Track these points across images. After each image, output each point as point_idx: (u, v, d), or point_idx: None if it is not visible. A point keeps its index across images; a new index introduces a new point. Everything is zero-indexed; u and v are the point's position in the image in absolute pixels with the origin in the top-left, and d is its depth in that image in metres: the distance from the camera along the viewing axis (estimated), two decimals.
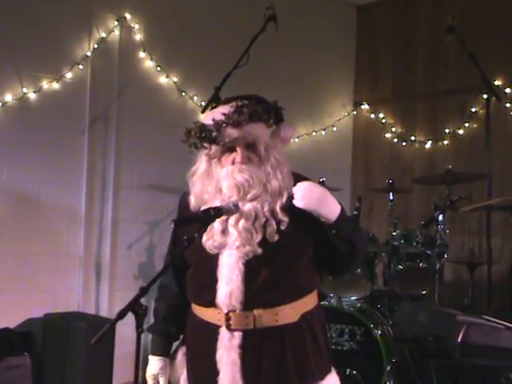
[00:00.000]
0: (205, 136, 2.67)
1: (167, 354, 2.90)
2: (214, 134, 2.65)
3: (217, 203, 2.66)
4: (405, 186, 6.40)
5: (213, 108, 2.89)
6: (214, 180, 2.70)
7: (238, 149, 2.66)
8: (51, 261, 5.57)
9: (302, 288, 2.70)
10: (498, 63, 6.21)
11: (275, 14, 4.98)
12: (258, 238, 2.61)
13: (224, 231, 2.65)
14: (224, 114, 2.66)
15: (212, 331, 2.68)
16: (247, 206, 2.63)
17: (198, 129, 2.69)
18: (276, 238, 2.63)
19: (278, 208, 2.65)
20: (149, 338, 2.94)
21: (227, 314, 2.63)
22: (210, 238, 2.65)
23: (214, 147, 2.68)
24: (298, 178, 2.75)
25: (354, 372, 4.82)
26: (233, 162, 2.68)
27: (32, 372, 5.04)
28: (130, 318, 2.38)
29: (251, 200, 2.64)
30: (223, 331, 2.65)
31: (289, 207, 2.67)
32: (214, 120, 2.67)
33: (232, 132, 2.64)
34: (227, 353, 2.64)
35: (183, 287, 2.85)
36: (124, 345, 5.11)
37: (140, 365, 2.42)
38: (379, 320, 4.95)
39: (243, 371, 2.63)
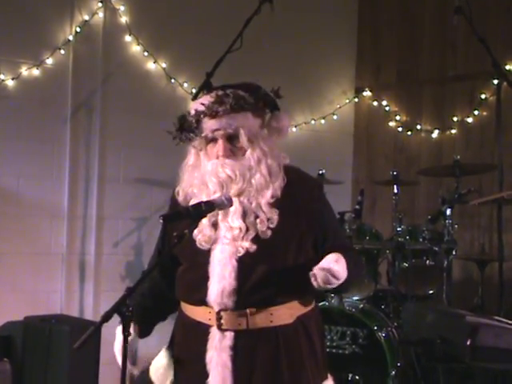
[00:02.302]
0: (185, 127, 2.73)
1: (136, 325, 2.86)
2: (194, 125, 2.71)
3: (203, 198, 2.68)
4: (410, 178, 6.40)
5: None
6: (201, 173, 2.74)
7: (220, 141, 2.71)
8: (32, 260, 5.57)
9: (298, 288, 2.71)
10: (510, 46, 6.21)
11: None
12: (251, 234, 2.65)
13: (214, 225, 2.69)
14: (203, 105, 2.70)
15: (202, 331, 2.70)
16: (233, 201, 2.66)
17: (178, 120, 2.76)
18: (269, 234, 2.66)
19: (263, 204, 2.68)
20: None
21: (218, 312, 2.66)
22: (200, 233, 2.69)
23: (197, 139, 2.74)
24: (291, 171, 2.78)
25: (357, 377, 4.84)
26: (217, 155, 2.71)
27: (12, 379, 5.04)
28: (117, 320, 2.38)
29: (236, 195, 2.67)
30: (214, 331, 2.68)
31: (279, 203, 2.69)
32: (196, 110, 2.72)
33: (211, 123, 2.70)
34: (217, 354, 2.66)
35: (171, 286, 2.87)
36: (110, 349, 5.09)
37: (127, 370, 2.42)
38: (383, 322, 4.96)
39: (234, 374, 2.65)
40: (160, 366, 2.90)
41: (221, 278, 2.64)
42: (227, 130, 2.69)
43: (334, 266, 2.52)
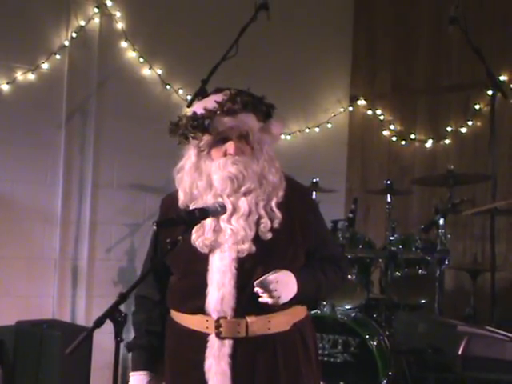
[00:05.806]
0: (196, 125, 2.68)
1: (152, 369, 2.86)
2: (207, 122, 2.67)
3: (209, 198, 2.67)
4: (404, 187, 6.41)
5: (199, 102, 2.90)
6: (205, 174, 2.71)
7: (232, 139, 2.69)
8: (24, 264, 5.55)
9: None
10: (504, 57, 6.22)
11: (267, 1, 4.99)
12: (251, 235, 2.64)
13: (216, 228, 2.66)
14: (217, 102, 2.68)
15: (199, 339, 2.68)
16: (242, 201, 2.65)
17: (189, 117, 2.70)
18: (269, 235, 2.66)
19: (273, 205, 2.68)
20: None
21: (217, 320, 2.64)
22: (201, 236, 2.67)
23: (205, 137, 2.69)
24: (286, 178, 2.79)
25: None
26: (224, 155, 2.69)
27: (3, 383, 5.02)
28: (109, 326, 2.38)
29: (245, 194, 2.66)
30: (212, 339, 2.66)
31: (281, 205, 2.69)
32: (206, 108, 2.68)
33: (226, 120, 2.66)
34: (216, 362, 2.65)
35: (164, 294, 2.85)
36: (102, 355, 5.10)
37: (119, 376, 2.42)
38: (375, 330, 4.96)
39: (233, 382, 2.64)
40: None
41: (220, 285, 2.63)
42: (241, 129, 2.68)
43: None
